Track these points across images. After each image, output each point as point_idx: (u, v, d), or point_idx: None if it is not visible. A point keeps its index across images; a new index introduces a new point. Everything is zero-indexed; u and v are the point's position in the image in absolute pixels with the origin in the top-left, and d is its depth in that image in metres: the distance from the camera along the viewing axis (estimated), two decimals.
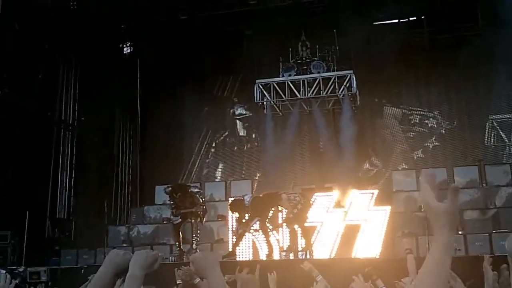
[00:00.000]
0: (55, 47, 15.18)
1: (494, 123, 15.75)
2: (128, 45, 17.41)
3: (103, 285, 2.43)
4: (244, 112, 17.65)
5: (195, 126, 17.64)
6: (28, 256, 12.58)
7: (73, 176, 15.74)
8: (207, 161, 17.60)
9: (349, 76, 14.84)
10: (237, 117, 17.73)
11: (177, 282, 6.07)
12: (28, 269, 3.89)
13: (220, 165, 17.55)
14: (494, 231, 11.57)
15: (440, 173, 14.10)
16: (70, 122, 16.15)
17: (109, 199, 16.62)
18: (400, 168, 15.65)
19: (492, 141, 15.74)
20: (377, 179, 15.61)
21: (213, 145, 17.68)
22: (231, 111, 17.78)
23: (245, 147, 17.52)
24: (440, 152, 15.98)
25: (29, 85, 13.97)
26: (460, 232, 11.58)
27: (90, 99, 16.01)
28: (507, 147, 15.68)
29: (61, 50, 15.67)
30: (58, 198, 15.32)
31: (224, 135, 17.69)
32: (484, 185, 13.78)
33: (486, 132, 15.73)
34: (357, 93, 15.16)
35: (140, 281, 2.34)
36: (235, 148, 17.62)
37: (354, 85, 14.87)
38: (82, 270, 8.31)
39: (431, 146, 16.11)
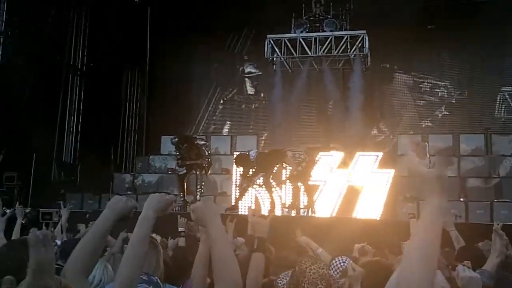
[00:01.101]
0: None
1: (506, 95, 15.57)
2: None
3: (103, 229, 2.46)
4: (253, 71, 17.54)
5: (204, 80, 17.58)
6: (33, 198, 12.79)
7: (80, 121, 15.78)
8: (214, 117, 17.63)
9: (362, 36, 14.66)
10: (246, 75, 17.61)
11: (179, 230, 6.20)
12: (41, 209, 3.98)
13: (228, 123, 17.58)
14: (495, 200, 11.65)
15: (446, 139, 14.13)
16: (79, 67, 16.10)
17: (115, 146, 16.75)
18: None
19: (503, 113, 15.58)
20: (384, 145, 15.55)
21: (221, 102, 17.65)
22: (241, 69, 17.64)
23: (253, 106, 17.49)
24: (448, 121, 15.86)
25: (40, 29, 13.86)
26: (461, 199, 11.69)
27: (100, 45, 15.92)
28: None
29: None
30: (65, 142, 15.42)
31: (232, 93, 17.64)
32: (489, 154, 13.79)
33: (497, 103, 15.57)
34: (369, 54, 15.00)
35: (152, 222, 2.37)
36: (243, 106, 17.59)
37: (366, 46, 14.71)
38: (87, 215, 8.45)
39: (440, 115, 15.98)
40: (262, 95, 17.39)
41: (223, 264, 2.26)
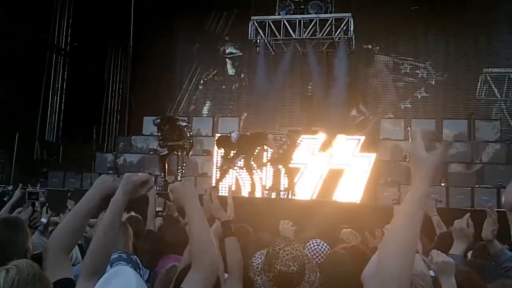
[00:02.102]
0: None
1: (488, 76, 15.62)
2: None
3: (87, 208, 2.49)
4: (234, 51, 17.46)
5: (186, 61, 17.53)
6: (16, 175, 12.78)
7: (63, 100, 15.75)
8: (194, 97, 17.58)
9: (347, 19, 14.61)
10: (227, 56, 17.53)
11: (157, 209, 6.23)
12: (27, 189, 3.98)
13: (207, 103, 17.54)
14: (477, 186, 11.73)
15: (428, 124, 14.22)
16: (63, 47, 16.00)
17: (97, 125, 16.73)
18: (387, 117, 15.67)
19: (483, 95, 15.64)
20: (364, 127, 15.65)
21: (201, 82, 17.60)
22: (222, 49, 17.55)
23: (233, 87, 17.45)
24: (428, 103, 15.93)
25: (24, 7, 13.71)
26: (442, 184, 11.80)
27: (84, 25, 15.81)
28: (499, 102, 15.61)
29: None
30: (48, 121, 15.41)
31: (213, 73, 17.58)
32: (472, 139, 13.89)
33: (478, 85, 15.64)
34: (353, 37, 14.99)
35: (120, 204, 2.39)
36: (223, 87, 17.55)
37: (351, 29, 14.67)
38: (69, 193, 8.47)
39: (419, 96, 16.06)
40: (242, 76, 17.37)
41: (199, 244, 2.28)
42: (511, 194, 2.49)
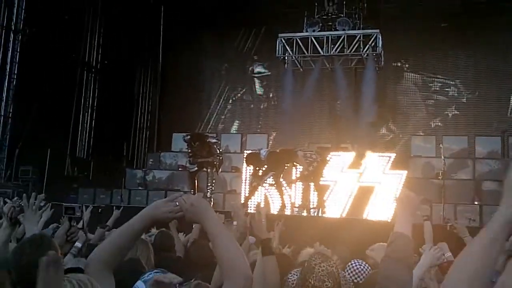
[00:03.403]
0: None
1: None
2: None
3: (139, 228, 2.37)
4: (262, 71, 17.50)
5: (214, 79, 17.65)
6: (47, 192, 12.92)
7: (94, 117, 16.00)
8: (223, 116, 17.63)
9: (375, 35, 14.57)
10: (256, 75, 17.58)
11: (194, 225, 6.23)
12: (64, 204, 3.99)
13: (236, 122, 17.58)
14: None
15: (461, 141, 14.01)
16: (94, 64, 16.31)
17: (127, 142, 16.91)
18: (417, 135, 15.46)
19: None
20: (394, 144, 15.46)
21: (230, 101, 17.66)
22: (250, 68, 17.59)
23: (262, 106, 17.46)
24: (459, 121, 15.69)
25: (56, 26, 14.03)
26: (476, 203, 11.56)
27: (114, 43, 16.10)
28: None
29: None
30: (79, 138, 15.67)
31: (241, 92, 17.63)
32: (506, 157, 13.62)
33: (511, 103, 15.39)
34: (382, 54, 14.90)
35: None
36: (252, 106, 17.58)
37: (380, 45, 14.62)
38: (100, 210, 8.54)
39: (450, 114, 15.84)
40: (271, 95, 17.37)
41: (229, 259, 2.13)
42: None
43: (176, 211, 2.32)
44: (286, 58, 15.31)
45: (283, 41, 15.03)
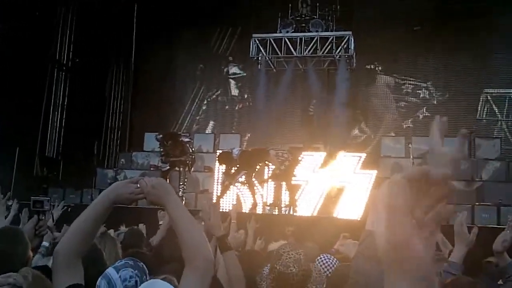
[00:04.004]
0: None
1: (489, 97, 15.62)
2: None
3: (101, 211, 2.38)
4: (238, 72, 17.49)
5: (188, 79, 17.52)
6: (15, 191, 12.69)
7: (64, 116, 15.77)
8: (197, 117, 17.53)
9: (347, 37, 14.73)
10: (231, 76, 17.55)
11: (159, 223, 6.26)
12: (32, 197, 3.94)
13: (211, 122, 17.49)
14: (477, 203, 11.67)
15: (428, 141, 14.19)
16: (64, 62, 16.07)
17: (98, 141, 16.70)
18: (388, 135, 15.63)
19: (485, 115, 15.65)
20: (365, 145, 15.57)
21: (205, 102, 17.57)
22: (225, 69, 17.56)
23: (237, 107, 17.44)
24: (430, 122, 15.71)
25: (26, 22, 13.80)
26: None
27: (85, 41, 15.90)
28: (499, 122, 15.60)
29: None
30: (48, 137, 15.41)
31: (216, 93, 17.57)
32: (472, 157, 13.88)
33: (480, 105, 15.67)
34: (354, 55, 15.07)
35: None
36: (227, 107, 17.52)
37: (352, 47, 14.80)
38: (69, 209, 8.41)
39: (421, 116, 16.05)
40: (246, 96, 17.32)
41: (190, 241, 2.15)
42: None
43: (137, 193, 2.32)
44: (259, 58, 15.37)
45: (257, 42, 15.09)
